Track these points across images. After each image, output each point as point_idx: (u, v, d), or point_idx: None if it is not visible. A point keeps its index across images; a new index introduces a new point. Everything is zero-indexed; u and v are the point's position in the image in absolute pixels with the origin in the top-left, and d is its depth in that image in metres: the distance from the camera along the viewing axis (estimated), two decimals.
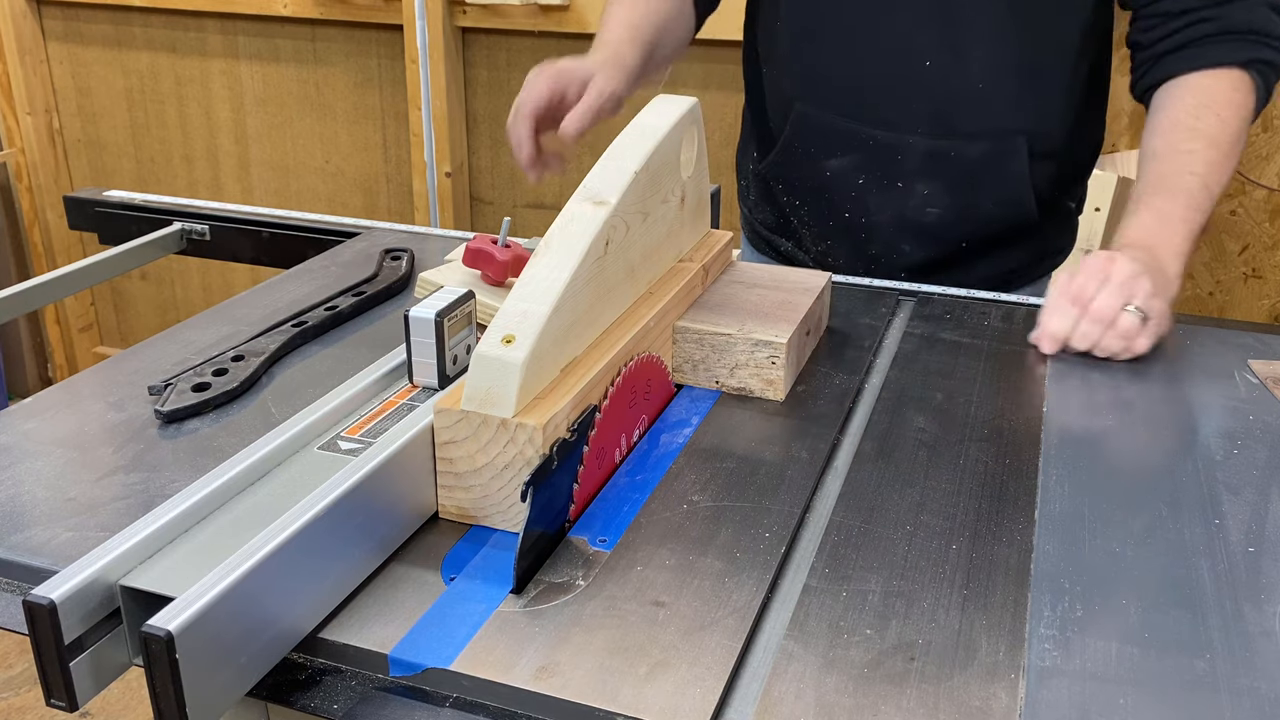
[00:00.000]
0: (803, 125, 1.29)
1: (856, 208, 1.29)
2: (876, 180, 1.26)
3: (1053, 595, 0.69)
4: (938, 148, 1.23)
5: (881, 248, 1.30)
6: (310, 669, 0.64)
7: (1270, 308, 2.23)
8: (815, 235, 1.34)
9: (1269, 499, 0.81)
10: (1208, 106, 1.11)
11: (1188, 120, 1.12)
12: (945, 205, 1.26)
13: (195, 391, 0.90)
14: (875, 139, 1.24)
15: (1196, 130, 1.11)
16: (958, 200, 1.25)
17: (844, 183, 1.28)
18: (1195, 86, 1.13)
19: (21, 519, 0.74)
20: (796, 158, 1.31)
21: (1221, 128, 1.10)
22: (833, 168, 1.28)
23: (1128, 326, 1.00)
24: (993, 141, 1.22)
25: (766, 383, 0.93)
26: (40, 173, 3.04)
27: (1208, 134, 1.10)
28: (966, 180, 1.24)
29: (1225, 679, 0.62)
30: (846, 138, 1.26)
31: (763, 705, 0.59)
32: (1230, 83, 1.12)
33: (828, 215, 1.31)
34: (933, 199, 1.26)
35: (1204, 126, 1.11)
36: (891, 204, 1.27)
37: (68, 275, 1.28)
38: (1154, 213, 1.09)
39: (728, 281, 1.04)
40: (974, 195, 1.25)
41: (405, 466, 0.72)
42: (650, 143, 0.88)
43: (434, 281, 1.05)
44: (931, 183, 1.25)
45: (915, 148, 1.24)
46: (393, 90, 2.66)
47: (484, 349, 0.72)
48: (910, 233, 1.28)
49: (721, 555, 0.71)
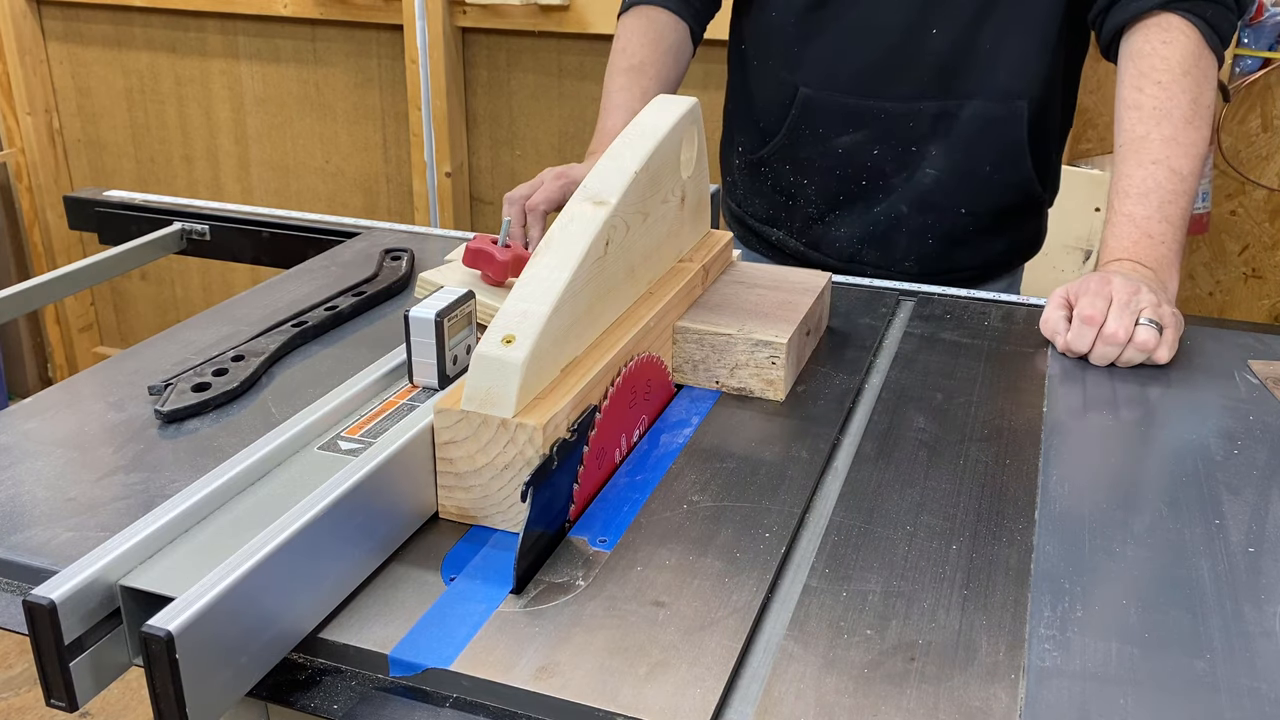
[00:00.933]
0: (808, 108, 1.30)
1: (873, 176, 1.31)
2: (891, 149, 1.29)
3: (1053, 595, 0.69)
4: (946, 108, 1.25)
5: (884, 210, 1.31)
6: (310, 669, 0.64)
7: (1270, 308, 2.23)
8: (819, 212, 1.36)
9: (1269, 499, 0.81)
10: (1145, 75, 1.07)
11: (1132, 97, 1.08)
12: (941, 167, 1.27)
13: (195, 391, 0.90)
14: (887, 111, 1.27)
15: (1143, 107, 1.07)
16: (953, 160, 1.27)
17: (857, 156, 1.30)
18: (1132, 51, 1.09)
19: (21, 519, 0.74)
20: (804, 139, 1.33)
21: (1165, 94, 1.06)
22: (844, 144, 1.30)
23: (1145, 340, 0.98)
24: (992, 102, 1.24)
25: (767, 383, 0.93)
26: (40, 173, 3.04)
27: (1153, 107, 1.06)
28: (964, 139, 1.26)
29: (1225, 679, 0.62)
30: (855, 114, 1.28)
31: (763, 705, 0.59)
32: (1159, 36, 1.07)
33: (837, 190, 1.33)
34: (935, 160, 1.28)
35: (1148, 99, 1.06)
36: (906, 167, 1.29)
37: (68, 275, 1.28)
38: (1129, 221, 1.07)
39: (728, 281, 1.04)
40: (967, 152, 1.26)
41: (405, 466, 0.72)
42: (650, 143, 0.88)
43: (434, 281, 1.05)
44: (938, 144, 1.27)
45: (926, 112, 1.26)
46: (393, 90, 2.66)
47: (484, 349, 0.72)
48: (910, 194, 1.30)
49: (721, 555, 0.71)
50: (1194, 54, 1.07)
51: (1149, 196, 1.06)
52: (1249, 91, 2.08)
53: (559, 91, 2.53)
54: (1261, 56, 2.04)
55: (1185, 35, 1.07)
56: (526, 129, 2.59)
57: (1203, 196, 2.06)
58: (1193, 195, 1.07)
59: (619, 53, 1.34)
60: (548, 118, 2.56)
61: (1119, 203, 1.08)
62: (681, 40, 1.36)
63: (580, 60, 2.48)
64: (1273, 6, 2.01)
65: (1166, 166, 1.05)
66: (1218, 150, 2.07)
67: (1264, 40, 2.03)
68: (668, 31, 1.34)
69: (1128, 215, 1.07)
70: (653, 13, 1.34)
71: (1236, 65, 2.06)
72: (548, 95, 2.54)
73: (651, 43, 1.33)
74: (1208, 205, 2.07)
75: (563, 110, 2.54)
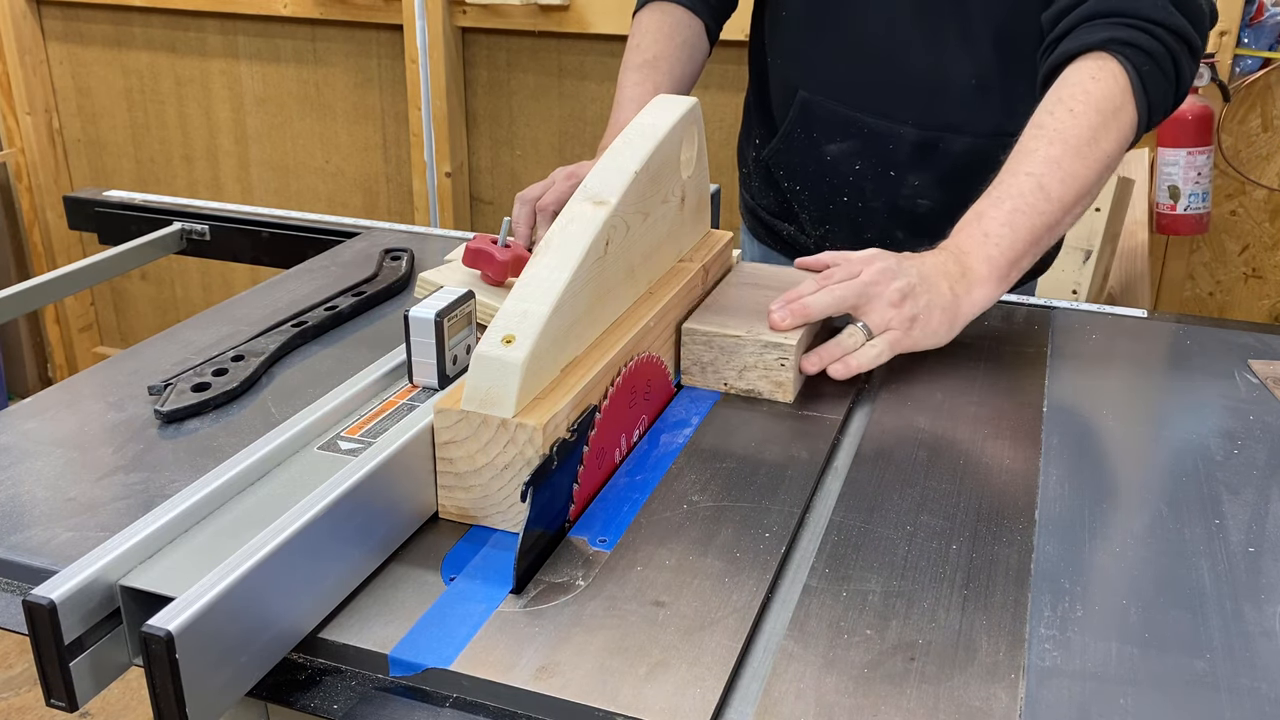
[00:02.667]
0: (805, 111, 1.31)
1: (854, 193, 1.31)
2: (872, 167, 1.29)
3: (1053, 595, 0.69)
4: (926, 139, 1.25)
5: (876, 234, 1.32)
6: (310, 669, 0.64)
7: (1270, 308, 2.23)
8: (815, 220, 1.37)
9: (1269, 499, 0.81)
10: (1061, 100, 1.05)
11: (1040, 117, 1.05)
12: (936, 199, 1.27)
13: (195, 391, 0.90)
14: (870, 126, 1.27)
15: (1044, 126, 1.04)
16: (949, 195, 1.26)
17: (842, 167, 1.31)
18: (1060, 80, 1.07)
19: (21, 519, 0.74)
20: (798, 143, 1.33)
21: (1072, 121, 1.03)
22: (832, 152, 1.31)
23: (849, 343, 0.95)
24: (981, 139, 1.23)
25: (775, 384, 0.93)
26: (40, 173, 3.04)
27: (1056, 129, 1.03)
28: (956, 175, 1.25)
29: (1225, 679, 0.62)
30: (845, 123, 1.29)
31: (763, 705, 0.59)
32: (1090, 71, 1.05)
33: (827, 200, 1.34)
34: (924, 190, 1.28)
35: (1054, 121, 1.04)
36: (885, 191, 1.29)
37: (68, 275, 1.28)
38: (975, 215, 1.03)
39: (735, 283, 1.04)
40: (964, 191, 1.25)
41: (405, 466, 0.72)
42: (650, 143, 0.88)
43: (434, 281, 1.05)
44: (922, 174, 1.27)
45: (906, 138, 1.26)
46: (393, 90, 2.66)
47: (484, 349, 0.72)
48: (904, 221, 1.31)
49: (721, 555, 0.71)
50: (1116, 98, 1.04)
51: (1004, 201, 1.02)
52: (1249, 91, 2.08)
53: (559, 91, 2.53)
54: (1261, 56, 2.04)
55: (1114, 79, 1.04)
56: (526, 129, 2.59)
57: (1203, 196, 2.06)
58: (1054, 224, 1.02)
59: (633, 49, 1.33)
60: (548, 118, 2.56)
61: (982, 198, 1.05)
62: (697, 36, 1.35)
63: (580, 60, 2.48)
64: (1273, 6, 2.01)
65: (1037, 182, 1.02)
66: (1218, 150, 2.07)
67: (1264, 40, 2.03)
68: (682, 27, 1.34)
69: (976, 211, 1.04)
70: (668, 8, 1.34)
71: (1236, 65, 2.06)
72: (548, 95, 2.54)
73: (666, 38, 1.32)
74: (1208, 205, 2.07)
75: (563, 110, 2.54)
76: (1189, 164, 2.03)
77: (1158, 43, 1.04)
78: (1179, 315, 1.16)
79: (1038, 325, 1.10)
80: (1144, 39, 1.04)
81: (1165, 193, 2.07)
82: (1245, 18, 2.02)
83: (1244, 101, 2.10)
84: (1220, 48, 2.03)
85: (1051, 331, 1.09)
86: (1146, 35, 1.04)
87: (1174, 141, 2.03)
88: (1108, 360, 1.04)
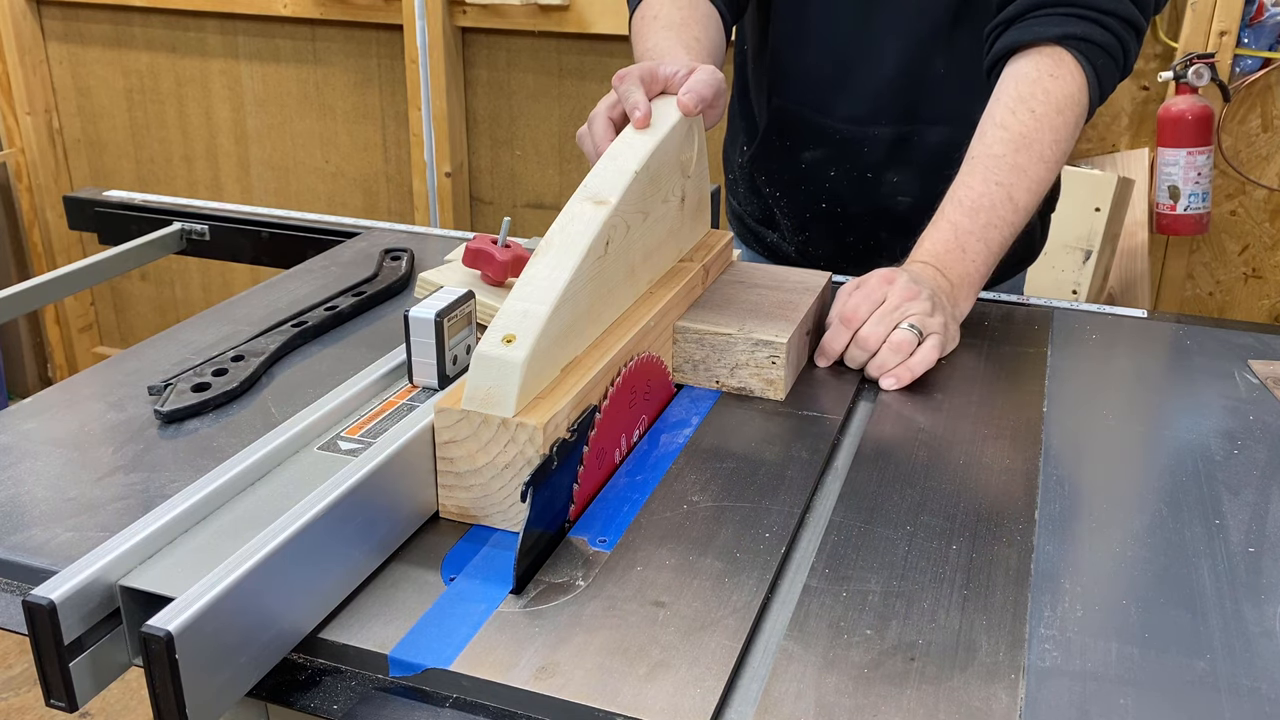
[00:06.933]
0: (779, 118, 1.31)
1: (831, 199, 1.31)
2: (847, 173, 1.29)
3: (1053, 595, 0.69)
4: (901, 134, 1.25)
5: (859, 237, 1.32)
6: (310, 669, 0.64)
7: (1270, 308, 2.23)
8: (795, 226, 1.36)
9: (1269, 499, 0.81)
10: (1023, 100, 1.06)
11: (1003, 117, 1.06)
12: (915, 193, 1.27)
13: (195, 391, 0.90)
14: (841, 133, 1.27)
15: (1008, 127, 1.05)
16: (928, 187, 1.25)
17: (818, 174, 1.30)
18: (1018, 74, 1.08)
19: (21, 519, 0.74)
20: (774, 150, 1.33)
21: (1035, 124, 1.05)
22: (807, 160, 1.30)
23: (900, 341, 0.96)
24: (955, 127, 1.22)
25: (767, 382, 0.93)
26: (40, 173, 3.04)
27: (1021, 132, 1.05)
28: (932, 166, 1.24)
29: (1225, 679, 0.62)
30: (817, 131, 1.28)
31: (763, 705, 0.59)
32: (1048, 68, 1.06)
33: (805, 206, 1.33)
34: (903, 187, 1.27)
35: (1017, 123, 1.05)
36: (864, 195, 1.29)
37: (68, 275, 1.28)
38: (952, 228, 1.05)
39: (728, 281, 1.04)
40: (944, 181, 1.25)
41: (405, 466, 0.72)
42: (650, 143, 0.88)
43: (434, 281, 1.05)
44: (900, 171, 1.27)
45: (881, 138, 1.25)
46: (393, 90, 2.66)
47: (484, 349, 0.72)
48: (885, 221, 1.30)
49: (721, 555, 0.71)
50: (1074, 97, 1.06)
51: (979, 214, 1.04)
52: (1249, 91, 2.08)
53: (559, 91, 2.53)
54: (1261, 56, 2.04)
55: (1073, 76, 1.06)
56: (526, 129, 2.59)
57: (1203, 196, 2.06)
58: (1018, 230, 1.06)
59: (650, 19, 1.18)
60: (548, 118, 2.56)
61: (949, 208, 1.06)
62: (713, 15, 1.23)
63: (580, 60, 2.48)
64: (1273, 6, 2.01)
65: (1007, 192, 1.04)
66: (1218, 150, 2.07)
67: (1264, 40, 2.03)
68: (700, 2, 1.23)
69: (952, 223, 1.05)
70: None
71: (1236, 65, 2.06)
72: (548, 95, 2.54)
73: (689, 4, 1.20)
74: (1208, 205, 2.07)
75: (563, 110, 2.54)
76: (1189, 164, 2.03)
77: (1110, 34, 1.06)
78: (1179, 315, 1.16)
79: (1038, 325, 1.10)
80: (1098, 32, 1.05)
81: (1165, 193, 2.07)
82: (1245, 18, 2.02)
83: (1244, 101, 2.10)
84: (1220, 48, 2.03)
85: (1051, 331, 1.09)
86: (1100, 28, 1.06)
87: (1174, 141, 2.03)
88: (1108, 360, 1.04)
